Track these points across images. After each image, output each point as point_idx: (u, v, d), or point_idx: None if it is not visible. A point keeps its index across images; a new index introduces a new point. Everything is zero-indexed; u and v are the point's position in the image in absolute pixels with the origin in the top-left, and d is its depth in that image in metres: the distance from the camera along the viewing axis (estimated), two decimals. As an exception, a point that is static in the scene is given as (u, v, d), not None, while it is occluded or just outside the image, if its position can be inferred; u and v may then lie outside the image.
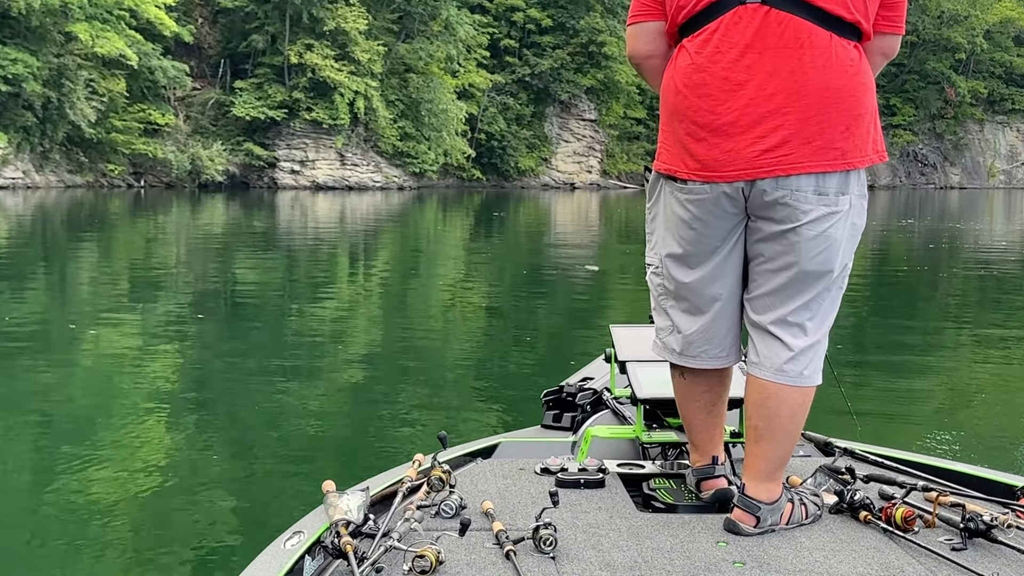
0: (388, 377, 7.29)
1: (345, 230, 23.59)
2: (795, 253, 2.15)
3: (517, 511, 2.28)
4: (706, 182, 2.17)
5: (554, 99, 55.81)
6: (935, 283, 14.20)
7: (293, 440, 5.55)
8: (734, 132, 2.12)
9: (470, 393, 6.90)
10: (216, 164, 42.35)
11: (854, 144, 2.13)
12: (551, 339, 9.30)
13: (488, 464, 2.67)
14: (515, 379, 7.38)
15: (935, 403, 6.82)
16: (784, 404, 2.21)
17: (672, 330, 2.33)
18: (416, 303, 11.82)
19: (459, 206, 36.71)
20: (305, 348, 8.31)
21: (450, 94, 48.25)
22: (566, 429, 3.15)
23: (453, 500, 2.24)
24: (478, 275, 14.75)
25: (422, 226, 26.50)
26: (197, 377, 7.21)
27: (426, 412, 6.17)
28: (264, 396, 6.53)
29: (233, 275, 13.79)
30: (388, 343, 8.90)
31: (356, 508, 2.12)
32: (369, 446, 5.49)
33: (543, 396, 3.32)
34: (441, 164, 48.93)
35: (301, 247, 18.43)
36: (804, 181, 2.11)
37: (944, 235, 24.34)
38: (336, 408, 6.36)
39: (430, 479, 2.28)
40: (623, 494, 2.43)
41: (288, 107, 44.03)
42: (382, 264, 16.21)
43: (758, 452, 2.23)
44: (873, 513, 2.26)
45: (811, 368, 2.21)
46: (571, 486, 2.44)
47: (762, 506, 2.21)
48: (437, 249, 19.59)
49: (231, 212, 29.75)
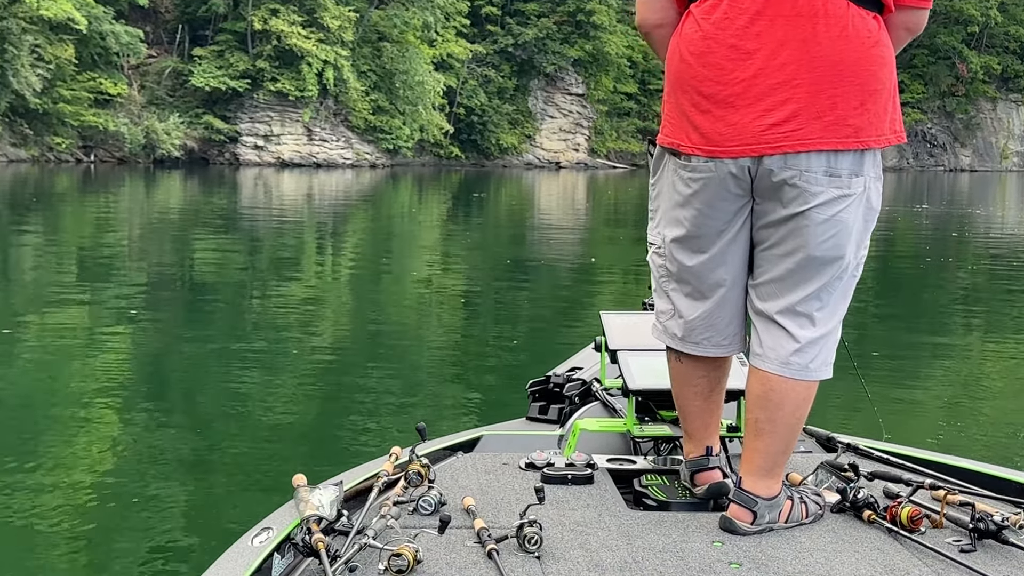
0: (361, 366, 7.29)
1: (313, 211, 23.53)
2: (803, 238, 2.15)
3: (500, 508, 2.29)
4: (710, 158, 2.16)
5: (539, 71, 55.73)
6: (956, 274, 14.32)
7: (260, 432, 5.54)
8: (740, 104, 2.11)
9: (450, 383, 6.89)
10: (173, 138, 42.07)
11: (868, 121, 2.12)
12: (536, 327, 9.31)
13: (470, 458, 2.68)
14: (498, 369, 7.39)
15: (944, 398, 6.90)
16: (788, 398, 2.22)
17: (673, 314, 2.33)
18: (390, 289, 11.82)
19: (436, 186, 36.64)
20: (270, 336, 8.30)
21: (427, 65, 48.05)
22: (553, 422, 3.16)
23: (432, 496, 2.24)
24: (457, 260, 14.75)
25: (396, 207, 26.43)
26: (152, 367, 7.19)
27: (403, 403, 6.17)
28: (227, 386, 6.52)
29: (191, 259, 13.74)
30: (361, 330, 8.88)
31: (329, 503, 2.12)
32: (342, 438, 5.49)
33: (528, 387, 3.33)
34: (417, 141, 48.79)
35: (265, 229, 18.39)
36: (815, 161, 2.10)
37: (963, 222, 24.49)
38: (306, 398, 6.37)
39: (408, 473, 2.29)
40: (613, 491, 2.43)
41: (251, 77, 43.76)
42: (352, 248, 16.19)
43: (757, 446, 2.24)
44: (877, 512, 2.27)
45: (818, 361, 2.22)
46: (558, 482, 2.45)
47: (759, 501, 2.22)
48: (412, 232, 19.56)
49: (189, 190, 29.60)
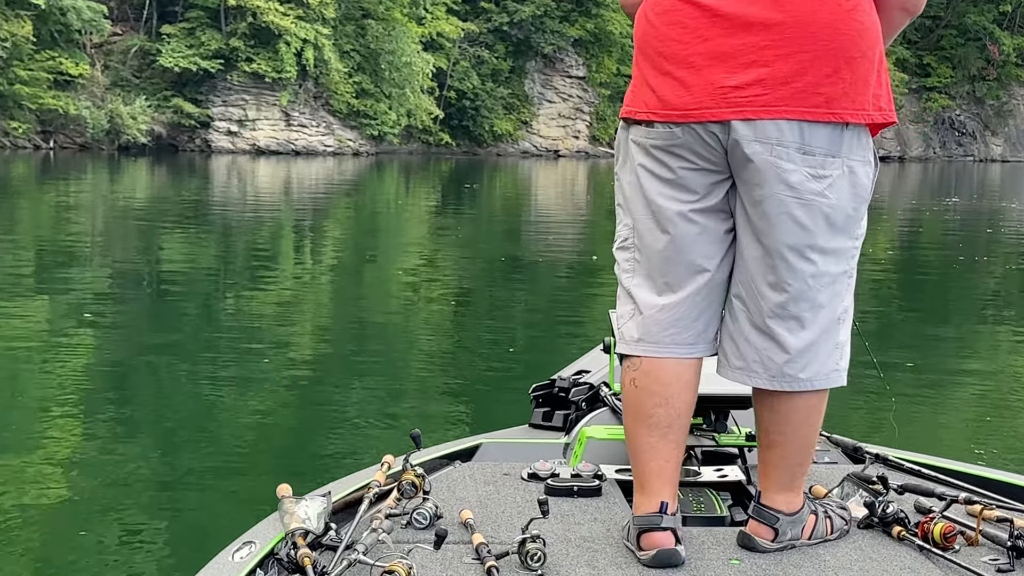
0: (348, 370, 7.30)
1: (291, 202, 23.51)
2: (773, 223, 2.13)
3: (500, 522, 2.29)
4: (667, 123, 2.16)
5: (536, 52, 55.71)
6: (989, 274, 14.37)
7: (239, 440, 5.54)
8: (701, 65, 2.12)
9: (445, 388, 6.92)
10: (139, 123, 41.95)
11: (843, 91, 2.09)
12: (538, 328, 9.35)
13: (467, 468, 2.69)
14: (497, 372, 7.42)
15: (978, 406, 6.92)
16: (793, 410, 2.21)
17: (633, 314, 2.26)
18: (376, 288, 11.83)
19: (424, 176, 36.62)
20: (246, 337, 8.31)
21: (415, 45, 48.00)
22: (557, 429, 3.17)
23: (427, 508, 2.24)
24: (448, 257, 14.76)
25: (381, 199, 26.42)
26: (115, 372, 7.18)
27: (395, 409, 6.19)
28: (199, 392, 6.51)
29: (158, 255, 13.75)
30: (346, 332, 8.89)
31: (316, 516, 2.13)
32: (329, 447, 5.50)
33: (531, 391, 3.34)
34: (404, 126, 48.72)
35: (239, 222, 18.37)
36: (787, 133, 2.09)
37: (996, 217, 24.51)
38: (289, 404, 6.38)
39: (401, 484, 2.29)
40: (622, 504, 2.43)
41: (224, 57, 43.63)
42: (334, 244, 16.20)
43: (771, 459, 2.24)
44: (908, 528, 2.27)
45: (812, 370, 2.18)
46: (563, 494, 2.45)
47: (781, 517, 2.21)
48: (399, 226, 19.57)
49: (156, 179, 29.54)
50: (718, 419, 2.83)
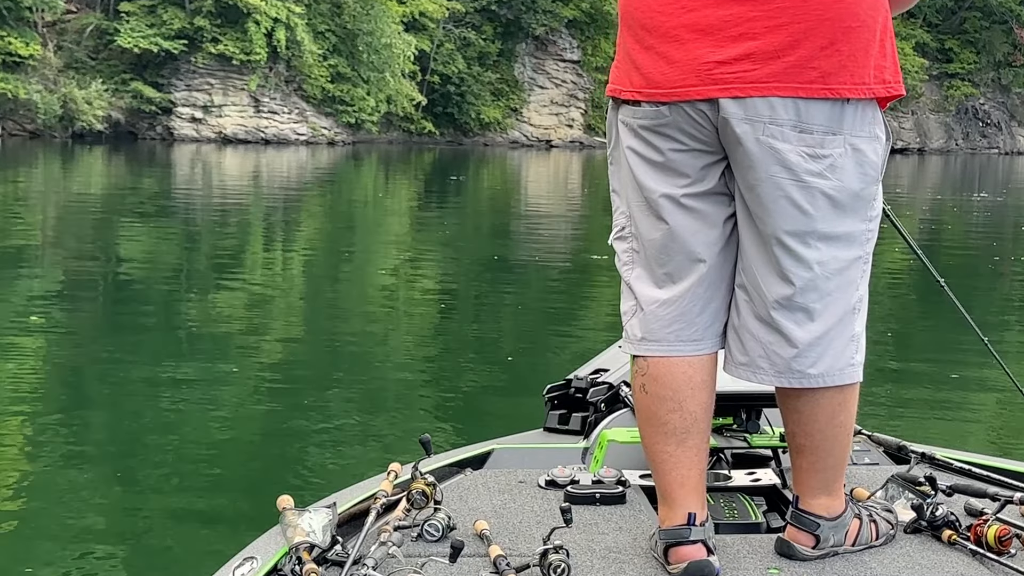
0: (334, 374, 7.32)
1: (260, 196, 23.52)
2: (772, 210, 2.12)
3: (518, 532, 2.30)
4: (652, 102, 2.16)
5: (527, 34, 55.72)
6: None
7: (232, 450, 5.55)
8: (686, 38, 2.11)
9: (451, 391, 6.95)
10: (95, 108, 41.76)
11: (840, 64, 2.07)
12: (548, 327, 9.41)
13: (480, 476, 2.70)
14: (508, 374, 7.43)
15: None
16: (818, 409, 2.21)
17: (635, 310, 2.26)
18: (357, 286, 11.85)
19: (406, 167, 36.65)
20: (213, 341, 8.31)
21: (395, 25, 47.94)
22: (575, 432, 3.18)
23: (439, 519, 2.24)
24: (436, 255, 14.79)
25: (359, 192, 26.44)
26: (71, 381, 7.13)
27: (398, 413, 6.23)
28: (167, 400, 6.49)
29: (115, 252, 13.73)
30: (327, 333, 8.91)
31: (321, 528, 2.13)
32: (325, 456, 5.52)
33: (545, 393, 3.34)
34: (383, 114, 48.65)
35: (204, 217, 18.36)
36: (780, 110, 2.07)
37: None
38: (279, 410, 6.39)
39: (411, 493, 2.30)
40: (649, 511, 2.43)
41: (188, 37, 43.49)
42: (309, 238, 16.21)
43: (802, 464, 2.25)
44: (959, 532, 2.28)
45: (824, 365, 2.17)
46: (584, 502, 2.45)
47: (822, 523, 2.22)
48: (379, 222, 19.58)
49: (113, 170, 29.52)
50: (749, 418, 2.83)
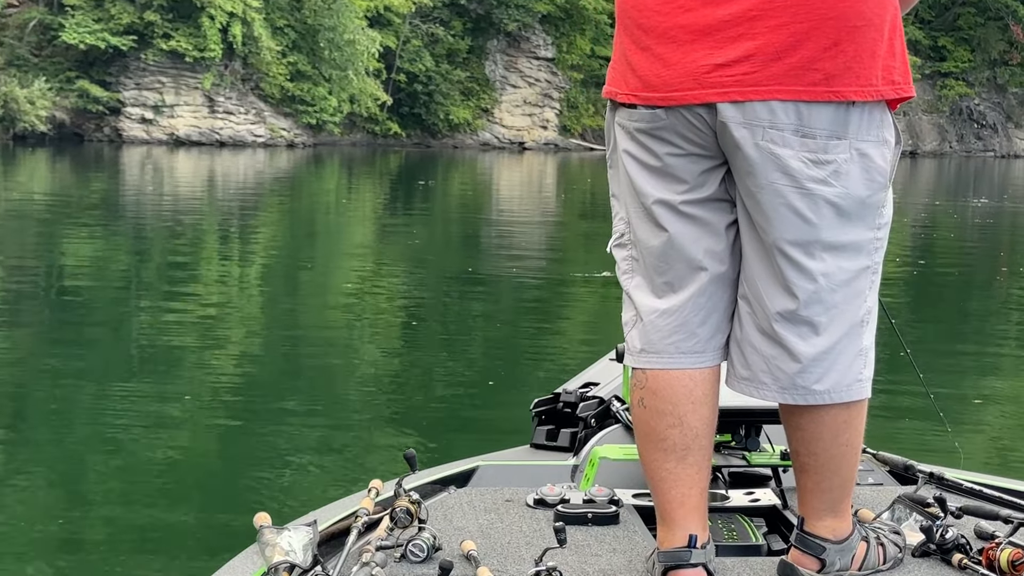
0: (305, 388, 7.52)
1: (215, 201, 23.60)
2: (772, 218, 2.14)
3: (507, 553, 2.35)
4: (648, 106, 2.19)
5: (498, 30, 55.89)
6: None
7: (186, 470, 5.67)
8: (684, 39, 2.13)
9: (432, 404, 7.14)
10: (38, 108, 41.74)
11: (845, 66, 2.09)
12: (534, 340, 9.69)
13: (465, 494, 2.76)
14: (493, 387, 7.62)
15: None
16: (822, 427, 2.23)
17: (635, 321, 2.30)
18: (323, 296, 11.93)
19: (370, 171, 36.96)
20: (171, 354, 8.39)
21: (359, 20, 48.05)
22: (563, 449, 3.24)
23: (424, 539, 2.28)
24: (403, 265, 14.89)
25: (320, 197, 26.56)
26: (10, 401, 7.13)
27: (376, 428, 6.39)
28: (117, 420, 6.53)
29: (59, 261, 13.75)
30: (296, 345, 9.13)
31: (301, 547, 2.19)
32: (294, 473, 5.69)
33: (533, 407, 3.43)
34: (346, 114, 48.77)
35: (154, 224, 18.42)
36: (780, 115, 2.09)
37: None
38: (238, 427, 6.54)
39: (394, 511, 2.34)
40: (644, 532, 2.48)
41: (138, 33, 43.45)
42: (268, 247, 16.26)
43: (807, 484, 2.29)
44: (971, 556, 2.32)
45: (831, 381, 2.19)
46: (576, 522, 2.50)
47: (828, 546, 2.26)
48: (343, 228, 19.68)
49: (58, 173, 29.55)
50: (748, 435, 2.88)
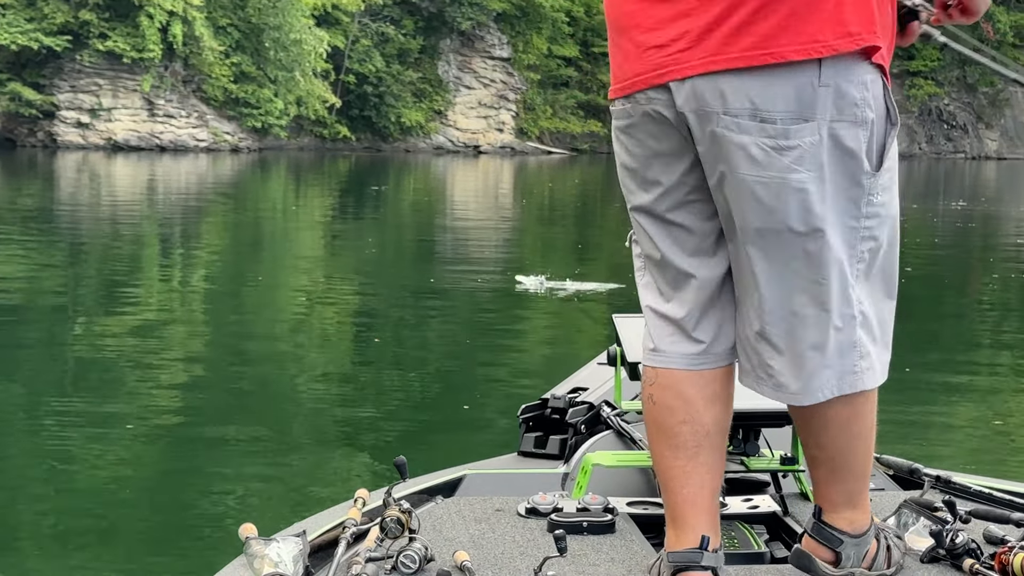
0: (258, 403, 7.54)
1: (155, 209, 23.49)
2: (741, 211, 2.16)
3: (502, 564, 2.36)
4: (617, 99, 2.27)
5: (451, 28, 55.89)
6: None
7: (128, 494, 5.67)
8: (635, 26, 2.20)
9: (414, 410, 7.23)
10: (-34, 113, 41.46)
11: (780, 25, 2.07)
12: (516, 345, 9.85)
13: (453, 503, 2.77)
14: (478, 392, 7.70)
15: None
16: (828, 420, 2.26)
17: (644, 320, 2.38)
18: (273, 308, 11.97)
19: (319, 176, 36.82)
20: (109, 372, 8.39)
21: (305, 19, 47.93)
22: (553, 457, 3.26)
23: (415, 550, 2.28)
24: (361, 271, 14.95)
25: (266, 205, 26.46)
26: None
27: (355, 436, 6.48)
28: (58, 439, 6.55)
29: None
30: (247, 360, 9.19)
31: (291, 559, 2.21)
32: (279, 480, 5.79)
33: (520, 413, 3.44)
34: (293, 117, 48.63)
35: (91, 234, 18.30)
36: (731, 96, 2.09)
37: (996, 221, 25.30)
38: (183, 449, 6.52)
39: (384, 522, 2.34)
40: (641, 541, 2.50)
41: (73, 33, 43.24)
42: (212, 258, 16.17)
43: (819, 477, 2.34)
44: (982, 561, 2.32)
45: (822, 377, 2.21)
46: (570, 531, 2.47)
47: (845, 539, 2.29)
48: (291, 237, 19.62)
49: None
50: (747, 440, 2.89)
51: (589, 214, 16.54)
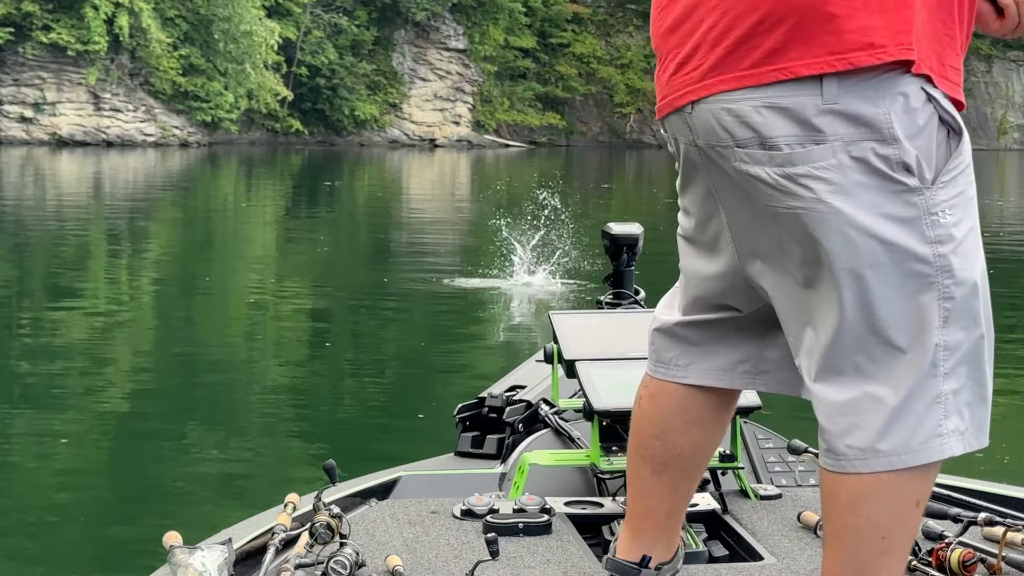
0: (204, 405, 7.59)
1: (102, 207, 23.42)
2: (786, 250, 1.99)
3: (435, 568, 2.37)
4: None
5: (406, 19, 55.90)
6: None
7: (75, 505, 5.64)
8: (662, 51, 2.12)
9: (347, 411, 7.29)
10: (-95, 108, 41.13)
11: (785, 38, 1.90)
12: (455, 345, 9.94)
13: (387, 506, 2.76)
14: (413, 392, 7.76)
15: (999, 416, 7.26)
16: (838, 490, 1.97)
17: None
18: (225, 309, 12.01)
19: (271, 171, 36.84)
20: (62, 372, 8.47)
21: (256, 10, 47.88)
22: (490, 457, 3.26)
23: (346, 555, 2.27)
24: (314, 269, 15.00)
25: (217, 201, 26.42)
26: None
27: (286, 438, 6.51)
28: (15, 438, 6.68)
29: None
30: (195, 361, 9.22)
31: (216, 568, 2.19)
32: (209, 487, 5.76)
33: (456, 413, 3.42)
34: (243, 111, 48.59)
35: (34, 232, 18.28)
36: (736, 126, 1.94)
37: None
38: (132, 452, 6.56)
39: (313, 527, 2.34)
40: (578, 542, 2.52)
41: (15, 24, 43.05)
42: (160, 257, 16.17)
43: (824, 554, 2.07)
44: (920, 557, 2.33)
45: (856, 438, 1.92)
46: (506, 533, 2.51)
47: None
48: (243, 234, 19.60)
49: (-72, 179, 29.14)
50: None
51: (551, 209, 16.58)
